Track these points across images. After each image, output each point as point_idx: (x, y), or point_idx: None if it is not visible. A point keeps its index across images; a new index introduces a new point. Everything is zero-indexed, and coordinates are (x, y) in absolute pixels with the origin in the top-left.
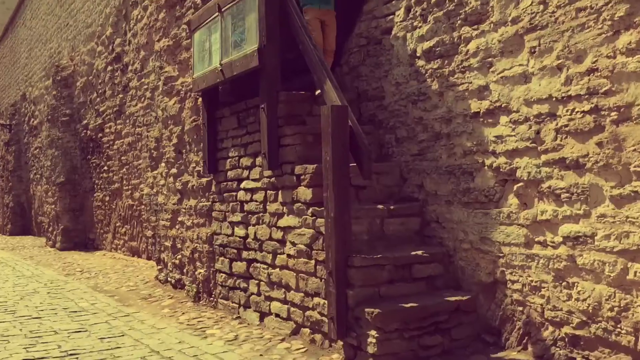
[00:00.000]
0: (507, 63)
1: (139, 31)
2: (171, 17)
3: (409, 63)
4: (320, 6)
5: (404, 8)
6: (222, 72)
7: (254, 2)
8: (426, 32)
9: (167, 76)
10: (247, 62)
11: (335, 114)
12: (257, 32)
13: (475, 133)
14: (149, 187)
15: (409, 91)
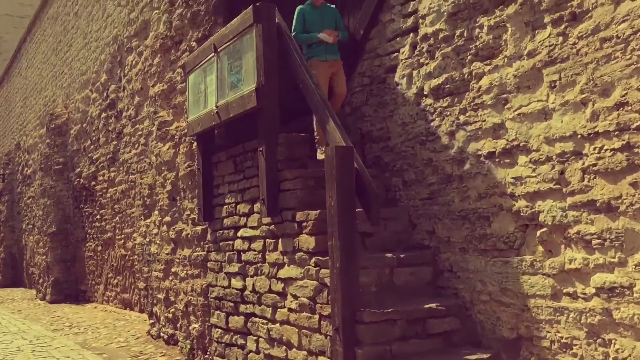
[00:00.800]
0: (524, 99)
1: (134, 77)
2: (166, 61)
3: (416, 102)
4: (327, 57)
5: (409, 45)
6: (217, 114)
7: (251, 40)
8: (434, 69)
9: (161, 121)
10: (244, 103)
11: (340, 156)
12: (254, 71)
13: (490, 174)
14: (142, 236)
15: (417, 131)
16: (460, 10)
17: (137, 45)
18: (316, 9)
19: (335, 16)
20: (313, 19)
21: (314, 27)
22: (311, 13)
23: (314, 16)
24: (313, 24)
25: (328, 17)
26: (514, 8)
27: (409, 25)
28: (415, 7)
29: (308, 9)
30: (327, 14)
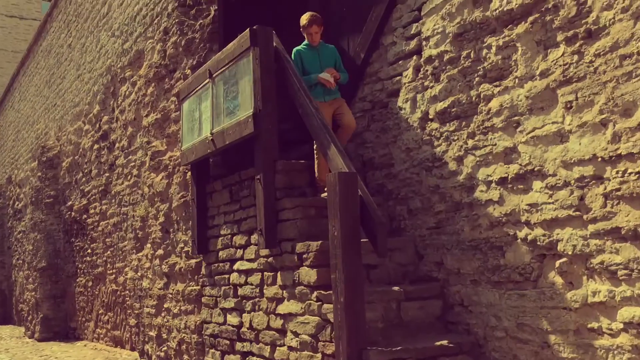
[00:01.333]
0: (537, 121)
1: (127, 107)
2: (160, 90)
3: (421, 126)
4: (325, 98)
5: (413, 68)
6: (213, 141)
7: (248, 64)
8: (439, 92)
9: (154, 151)
10: (240, 129)
11: (344, 182)
12: (251, 96)
13: (503, 201)
14: (133, 270)
15: (422, 157)
16: (466, 30)
17: (131, 75)
18: (313, 50)
19: (335, 56)
20: (310, 60)
21: (311, 68)
22: (308, 54)
23: (312, 57)
24: (311, 65)
25: (326, 57)
26: (524, 27)
27: (412, 48)
28: (418, 29)
29: (305, 50)
30: (326, 54)
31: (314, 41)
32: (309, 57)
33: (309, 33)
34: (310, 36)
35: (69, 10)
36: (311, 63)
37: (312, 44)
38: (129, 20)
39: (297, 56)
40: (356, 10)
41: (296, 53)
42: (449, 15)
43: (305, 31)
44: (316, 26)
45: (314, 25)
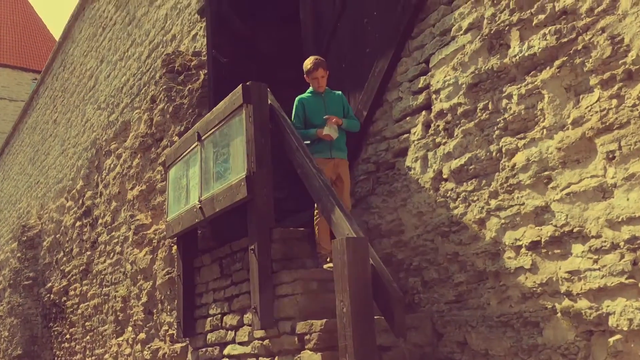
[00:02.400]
0: (573, 175)
1: (111, 181)
2: (145, 160)
3: (434, 187)
4: (331, 154)
5: (422, 124)
6: (201, 210)
7: (240, 123)
8: (454, 149)
9: (138, 224)
10: (232, 194)
11: (353, 249)
12: (244, 158)
13: (537, 269)
14: (113, 357)
15: (437, 221)
16: (482, 80)
17: (116, 147)
18: (318, 97)
19: (342, 103)
20: (315, 109)
21: (316, 117)
22: (312, 102)
23: (316, 105)
24: (315, 114)
25: (333, 105)
26: (549, 72)
27: (421, 103)
28: (426, 82)
29: (308, 98)
30: (332, 101)
31: (320, 87)
32: (313, 105)
33: (314, 78)
34: (315, 81)
35: (55, 86)
36: (316, 112)
37: (317, 90)
38: (115, 92)
39: (300, 105)
40: (357, 65)
41: (299, 101)
42: (461, 65)
43: (310, 76)
44: (322, 70)
45: (319, 68)
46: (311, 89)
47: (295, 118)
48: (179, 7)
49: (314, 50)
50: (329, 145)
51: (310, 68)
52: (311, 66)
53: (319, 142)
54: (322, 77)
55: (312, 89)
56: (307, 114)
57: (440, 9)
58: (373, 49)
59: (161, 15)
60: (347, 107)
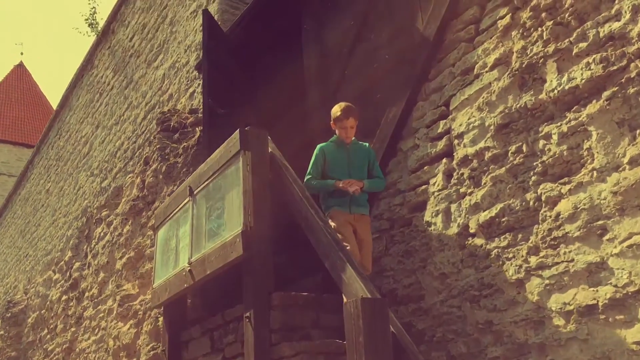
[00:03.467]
0: (634, 224)
1: (100, 250)
2: (136, 225)
3: (459, 244)
4: (351, 210)
5: (442, 173)
6: (190, 273)
7: (237, 173)
8: (482, 199)
9: (124, 295)
10: (225, 253)
11: (370, 313)
12: (240, 211)
13: (594, 339)
14: None
15: (464, 284)
16: (513, 120)
17: (107, 214)
18: (342, 147)
19: (369, 157)
20: (337, 160)
21: (336, 170)
22: (335, 152)
23: (339, 156)
24: (336, 166)
25: (358, 158)
26: (597, 106)
27: (440, 150)
28: (447, 126)
29: (331, 147)
30: (357, 154)
31: (348, 137)
32: (335, 156)
33: (343, 127)
34: (343, 131)
35: (50, 155)
36: (337, 164)
37: (344, 140)
38: (109, 157)
39: (320, 154)
40: (366, 114)
41: (320, 150)
42: (487, 105)
43: (338, 124)
44: (352, 119)
45: (350, 117)
46: (335, 137)
47: (313, 167)
48: (177, 65)
49: (319, 98)
50: (348, 200)
51: (340, 116)
52: (341, 113)
53: (338, 195)
54: (352, 127)
55: (337, 137)
56: (327, 165)
57: (460, 47)
58: (385, 95)
59: (159, 75)
60: (373, 162)
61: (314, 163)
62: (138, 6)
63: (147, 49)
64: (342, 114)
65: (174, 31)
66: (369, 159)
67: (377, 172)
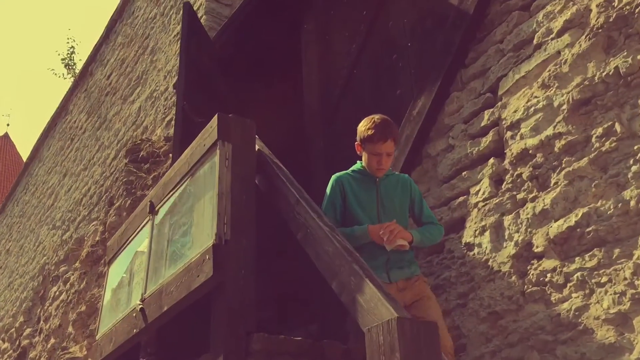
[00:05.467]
0: None
1: (53, 312)
2: (92, 276)
3: (518, 270)
4: (390, 276)
5: (489, 178)
6: (143, 313)
7: (212, 172)
8: (552, 205)
9: (69, 358)
10: (189, 279)
11: (412, 339)
12: (212, 222)
13: None
14: None
15: (529, 326)
16: (597, 94)
17: (65, 271)
18: (370, 182)
19: (411, 194)
20: (362, 200)
21: (361, 215)
22: (359, 188)
23: (365, 194)
24: (362, 206)
25: (392, 195)
26: None
27: (486, 148)
28: (494, 116)
29: (355, 179)
30: (393, 191)
31: (381, 168)
32: (360, 194)
33: (376, 153)
34: (375, 159)
35: (15, 212)
36: (363, 205)
37: (373, 171)
38: (73, 206)
39: (337, 187)
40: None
41: (337, 182)
42: (556, 79)
43: (369, 148)
44: (391, 142)
45: (389, 140)
46: (360, 165)
47: (328, 205)
48: (155, 95)
49: (319, 103)
50: (383, 261)
51: (373, 136)
52: (374, 133)
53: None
54: (389, 154)
55: (362, 166)
56: (348, 203)
57: (512, 17)
58: (406, 90)
59: (134, 109)
60: (419, 202)
61: (329, 202)
62: (119, 42)
63: (124, 84)
64: (377, 134)
65: (154, 60)
66: (412, 196)
67: (427, 216)
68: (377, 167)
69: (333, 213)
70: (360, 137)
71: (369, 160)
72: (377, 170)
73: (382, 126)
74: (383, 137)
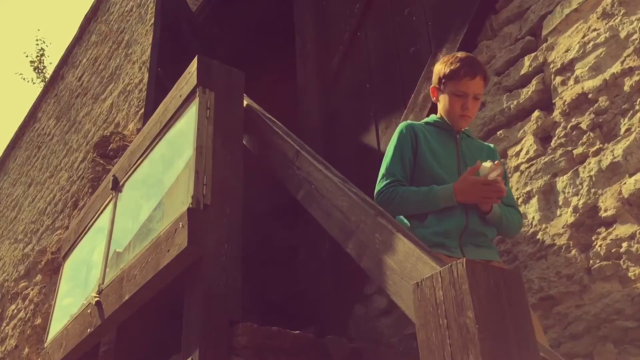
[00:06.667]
0: None
1: (10, 332)
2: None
3: (579, 242)
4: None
5: (534, 135)
6: (99, 308)
7: (188, 125)
8: (624, 156)
9: None
10: (157, 257)
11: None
12: (190, 182)
13: None
14: None
15: (599, 311)
16: None
17: (25, 287)
18: (446, 135)
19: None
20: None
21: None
22: (435, 140)
23: (442, 149)
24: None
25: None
26: None
27: (526, 101)
28: (537, 61)
29: (428, 131)
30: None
31: (465, 115)
32: (437, 146)
33: (460, 93)
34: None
35: None
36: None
37: (454, 118)
38: (37, 216)
39: (408, 135)
40: (392, 78)
41: (408, 129)
42: (622, 4)
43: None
44: (481, 81)
45: (477, 76)
46: (435, 117)
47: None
48: (129, 88)
49: (316, 75)
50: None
51: (459, 69)
52: (460, 66)
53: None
54: (476, 98)
55: (439, 117)
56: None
57: None
58: (423, 45)
59: (106, 107)
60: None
61: (396, 156)
62: (92, 41)
63: (96, 83)
64: (464, 68)
65: (129, 53)
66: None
67: (511, 197)
68: (461, 114)
69: (401, 169)
70: (440, 74)
71: (451, 103)
72: (461, 117)
73: (469, 60)
74: (471, 71)
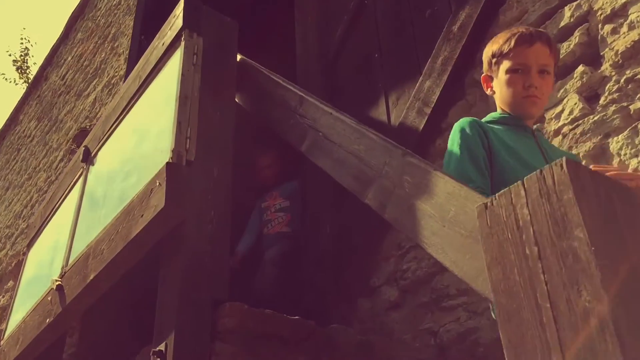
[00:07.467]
0: None
1: None
2: None
3: None
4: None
5: (578, 93)
6: (60, 293)
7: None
8: None
9: None
10: (129, 224)
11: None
12: (172, 134)
13: None
14: None
15: None
16: None
17: None
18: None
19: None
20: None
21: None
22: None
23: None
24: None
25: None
26: None
27: (568, 55)
28: (580, 10)
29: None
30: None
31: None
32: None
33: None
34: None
35: None
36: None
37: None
38: (12, 221)
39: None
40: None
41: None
42: None
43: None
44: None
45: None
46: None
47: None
48: (113, 81)
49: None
50: None
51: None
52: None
53: None
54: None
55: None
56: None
57: None
58: (442, 6)
59: (89, 102)
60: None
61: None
62: (78, 39)
63: (80, 79)
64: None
65: (115, 46)
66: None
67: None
68: (525, 94)
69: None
70: (493, 52)
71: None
72: (526, 100)
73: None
74: (528, 37)
